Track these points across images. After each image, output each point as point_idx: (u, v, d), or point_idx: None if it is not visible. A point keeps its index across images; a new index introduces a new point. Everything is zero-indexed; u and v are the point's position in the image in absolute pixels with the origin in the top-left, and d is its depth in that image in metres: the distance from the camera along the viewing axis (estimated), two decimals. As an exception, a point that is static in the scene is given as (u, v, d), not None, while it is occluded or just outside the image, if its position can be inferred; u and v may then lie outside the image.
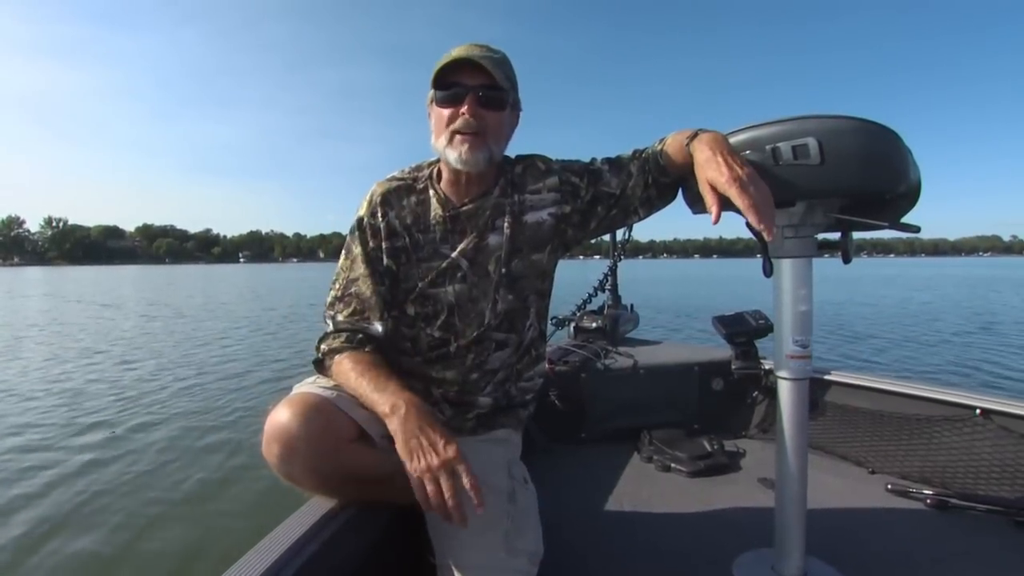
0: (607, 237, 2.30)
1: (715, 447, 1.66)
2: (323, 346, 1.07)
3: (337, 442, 0.90)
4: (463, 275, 1.09)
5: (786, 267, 0.94)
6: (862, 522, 1.31)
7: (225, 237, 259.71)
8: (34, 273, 67.24)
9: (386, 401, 0.90)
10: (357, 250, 1.11)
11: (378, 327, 1.07)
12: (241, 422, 4.13)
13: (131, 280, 37.77)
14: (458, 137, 1.00)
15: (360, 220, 1.12)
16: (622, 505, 1.42)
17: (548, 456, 1.70)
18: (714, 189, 0.86)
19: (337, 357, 1.02)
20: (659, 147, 1.05)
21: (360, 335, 1.06)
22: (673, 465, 1.60)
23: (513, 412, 1.19)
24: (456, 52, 1.00)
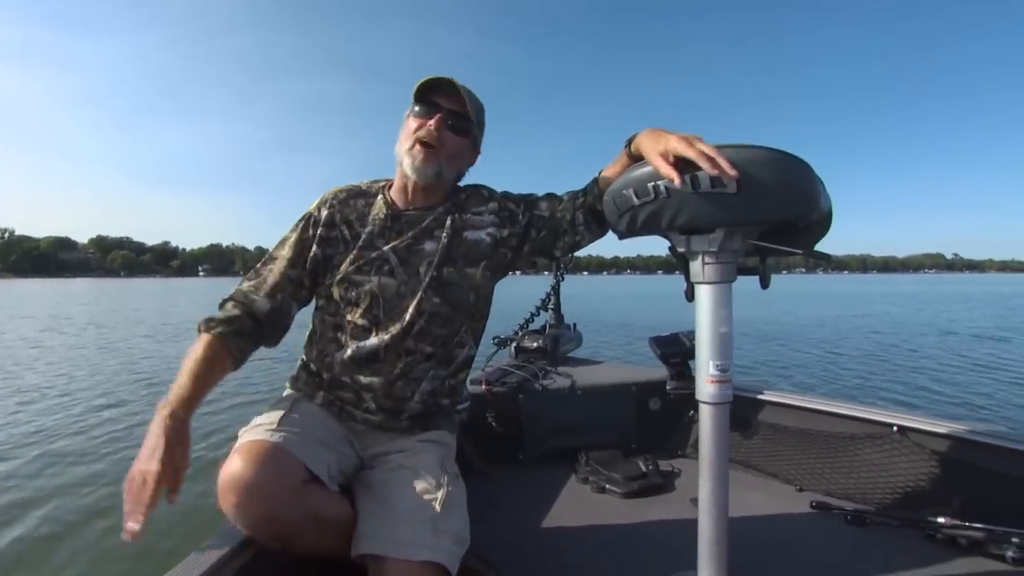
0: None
1: (650, 467, 1.66)
2: (217, 311, 1.12)
3: (291, 485, 0.93)
4: (390, 269, 1.15)
5: (705, 292, 0.95)
6: (787, 540, 1.33)
7: (184, 250, 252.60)
8: (-26, 286, 63.62)
9: (167, 399, 0.97)
10: (290, 236, 1.19)
11: (266, 303, 1.13)
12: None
13: (75, 294, 36.11)
14: (418, 146, 1.11)
15: (307, 213, 1.21)
16: (556, 527, 1.42)
17: (485, 480, 1.68)
18: (666, 159, 0.89)
19: (201, 334, 1.08)
20: (596, 175, 1.18)
21: (243, 307, 1.12)
22: (608, 486, 1.60)
23: (446, 416, 1.25)
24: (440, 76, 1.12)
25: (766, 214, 0.88)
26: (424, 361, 1.17)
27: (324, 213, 1.19)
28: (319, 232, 1.17)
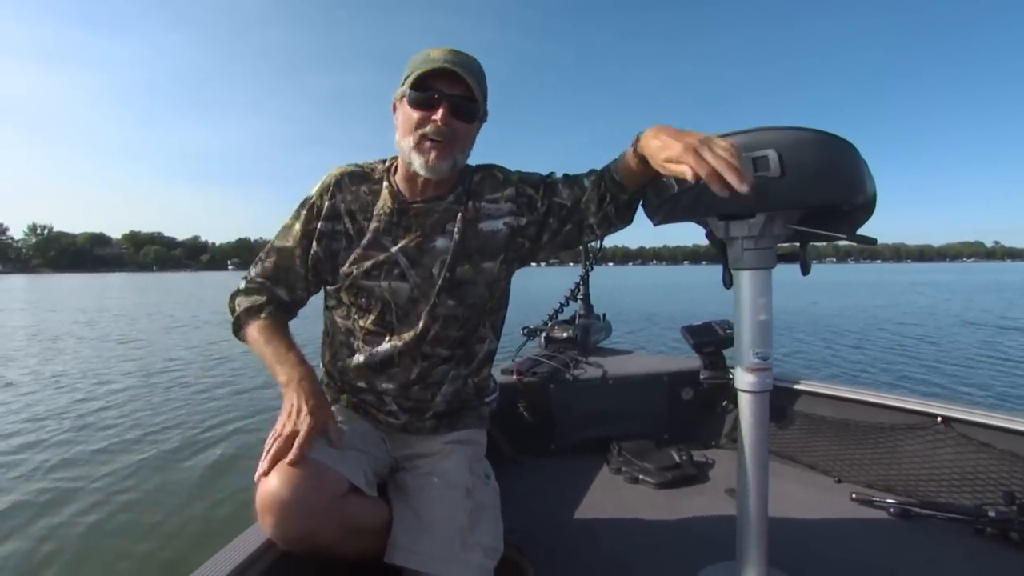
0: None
1: (683, 458, 1.65)
2: (236, 306, 1.11)
3: (329, 499, 0.90)
4: (400, 272, 1.07)
5: (745, 279, 0.93)
6: (826, 532, 1.31)
7: (214, 244, 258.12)
8: (16, 281, 66.04)
9: (284, 373, 1.00)
10: (294, 225, 1.11)
11: (284, 295, 1.13)
12: (203, 425, 4.09)
13: (112, 288, 37.25)
14: (427, 143, 0.99)
15: (308, 199, 1.12)
16: (589, 517, 1.41)
17: (517, 468, 1.68)
18: (679, 164, 0.81)
19: (248, 326, 1.09)
20: (611, 163, 1.05)
21: (267, 292, 1.11)
22: (641, 476, 1.59)
23: (473, 411, 1.19)
24: (436, 55, 0.98)
25: (810, 198, 0.85)
26: (441, 364, 1.11)
27: (326, 203, 1.10)
28: (319, 227, 1.09)
